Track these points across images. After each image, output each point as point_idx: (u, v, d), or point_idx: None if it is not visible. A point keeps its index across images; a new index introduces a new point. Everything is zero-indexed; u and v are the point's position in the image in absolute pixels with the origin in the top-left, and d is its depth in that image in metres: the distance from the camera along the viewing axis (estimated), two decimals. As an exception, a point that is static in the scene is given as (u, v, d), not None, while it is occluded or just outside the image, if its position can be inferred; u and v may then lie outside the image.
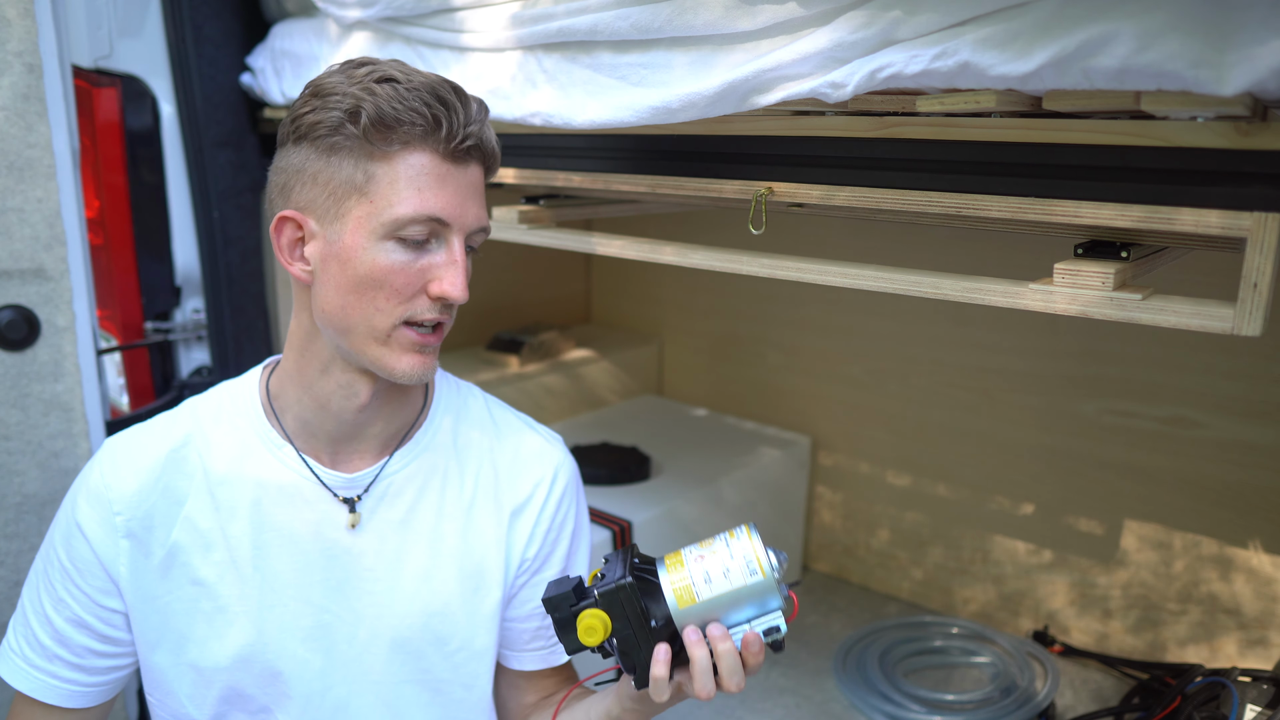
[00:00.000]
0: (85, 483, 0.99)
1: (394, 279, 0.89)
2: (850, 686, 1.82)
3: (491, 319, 2.54)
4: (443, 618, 1.05)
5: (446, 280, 0.91)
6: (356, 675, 1.03)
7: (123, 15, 1.62)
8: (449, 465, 1.07)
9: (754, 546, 0.88)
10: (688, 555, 0.90)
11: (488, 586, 1.07)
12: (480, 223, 0.94)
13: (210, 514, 0.99)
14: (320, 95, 0.89)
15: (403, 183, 0.88)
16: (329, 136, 0.88)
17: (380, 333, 0.91)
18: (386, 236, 0.89)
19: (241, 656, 0.99)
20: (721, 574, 0.87)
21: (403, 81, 0.88)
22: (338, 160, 0.89)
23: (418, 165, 0.88)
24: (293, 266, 0.94)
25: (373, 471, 1.03)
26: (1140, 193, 0.82)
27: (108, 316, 1.72)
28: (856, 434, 2.29)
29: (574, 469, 1.15)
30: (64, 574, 0.99)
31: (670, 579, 0.88)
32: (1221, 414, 1.74)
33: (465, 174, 0.92)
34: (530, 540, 1.09)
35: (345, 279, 0.90)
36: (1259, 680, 1.42)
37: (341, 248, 0.90)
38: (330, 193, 0.90)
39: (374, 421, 1.02)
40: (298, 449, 1.01)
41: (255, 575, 1.00)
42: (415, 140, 0.88)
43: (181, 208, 1.73)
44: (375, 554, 1.03)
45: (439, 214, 0.89)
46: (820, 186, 1.05)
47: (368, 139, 0.87)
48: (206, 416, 1.03)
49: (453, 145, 0.89)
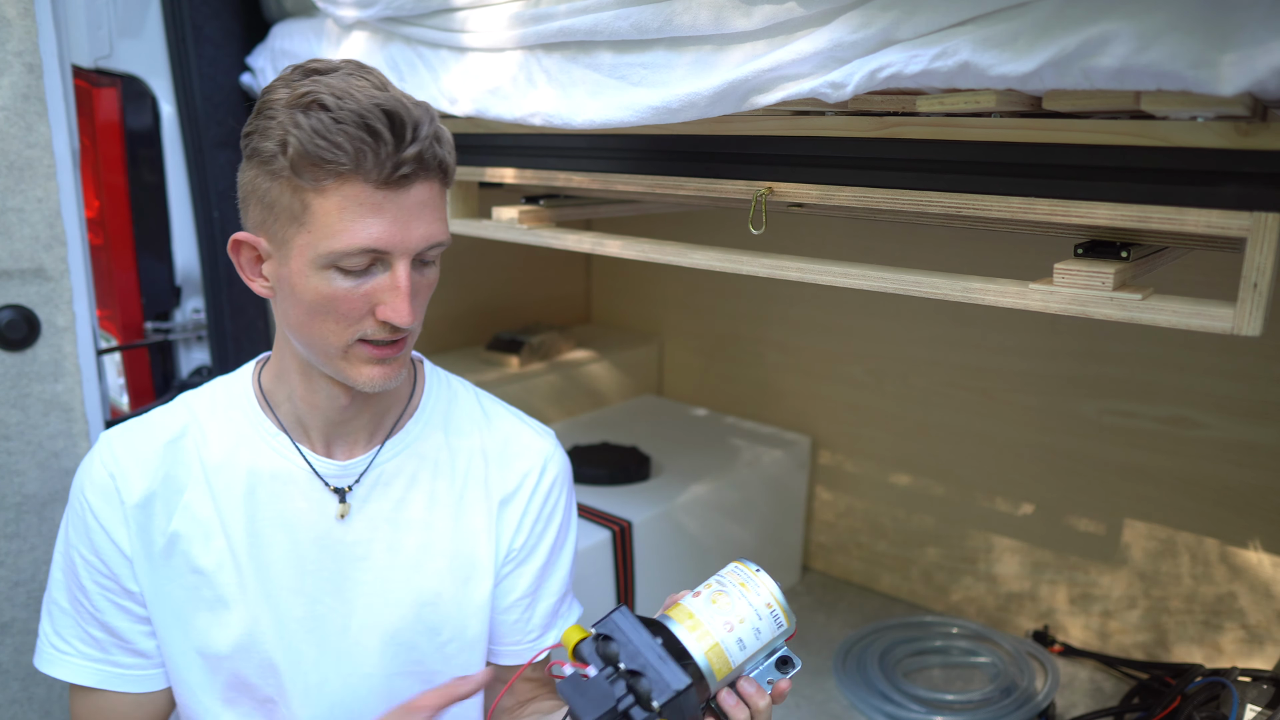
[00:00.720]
0: (89, 477, 1.00)
1: (339, 306, 0.89)
2: (850, 686, 1.82)
3: (491, 319, 2.54)
4: (434, 608, 1.05)
5: (389, 307, 0.89)
6: (349, 668, 1.03)
7: (123, 15, 1.62)
8: (439, 455, 1.08)
9: (773, 593, 0.84)
10: (707, 617, 0.82)
11: (479, 576, 1.07)
12: (428, 240, 0.91)
13: (208, 503, 1.00)
14: (262, 115, 0.89)
15: (334, 216, 0.86)
16: (268, 164, 0.88)
17: (336, 350, 0.92)
18: (326, 266, 0.88)
19: (241, 645, 1.00)
20: (754, 635, 0.83)
21: (333, 109, 0.84)
22: (278, 187, 0.88)
23: (351, 196, 0.86)
24: (254, 284, 0.96)
25: (365, 459, 1.04)
26: (1140, 193, 0.82)
27: (108, 316, 1.72)
28: (856, 434, 2.29)
29: (564, 462, 1.15)
30: (91, 569, 1.00)
31: (702, 649, 0.81)
32: (1221, 414, 1.74)
33: (407, 196, 0.88)
34: (518, 530, 1.10)
35: (296, 302, 0.91)
36: (1259, 680, 1.42)
37: (289, 273, 0.91)
38: (275, 218, 0.90)
39: (362, 413, 1.03)
40: (292, 438, 1.02)
41: (251, 564, 1.00)
42: (345, 173, 0.85)
43: (181, 208, 1.73)
44: (367, 544, 1.04)
45: (374, 245, 0.87)
46: (820, 186, 1.05)
47: (297, 173, 0.86)
48: (202, 409, 1.04)
49: (384, 174, 0.86)
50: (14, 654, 1.45)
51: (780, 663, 0.85)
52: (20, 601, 1.45)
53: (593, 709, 0.76)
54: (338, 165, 0.84)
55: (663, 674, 0.77)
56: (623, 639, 0.80)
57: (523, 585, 1.10)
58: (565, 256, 2.70)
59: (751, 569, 0.86)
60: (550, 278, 2.76)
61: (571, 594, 1.19)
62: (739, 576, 0.85)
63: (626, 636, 0.80)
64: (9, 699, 1.46)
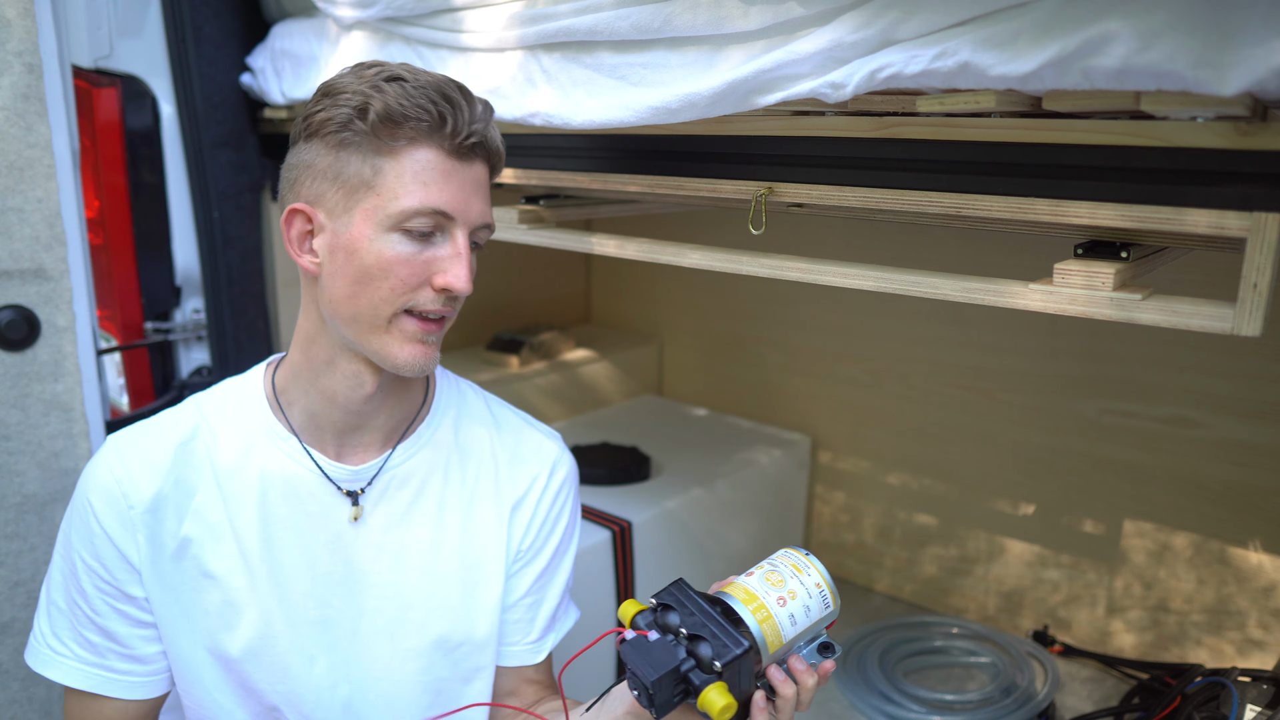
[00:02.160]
0: (94, 481, 0.99)
1: (399, 269, 0.91)
2: (850, 686, 1.82)
3: (491, 319, 2.54)
4: (444, 611, 1.05)
5: (451, 273, 0.92)
6: (360, 671, 1.03)
7: (123, 15, 1.62)
8: (450, 459, 1.08)
9: (823, 577, 0.90)
10: (763, 593, 0.87)
11: (489, 579, 1.08)
12: (484, 219, 0.96)
13: (219, 506, 1.00)
14: (331, 94, 0.92)
15: (409, 177, 0.90)
16: (338, 133, 0.91)
17: (383, 320, 0.93)
18: (392, 228, 0.91)
19: (251, 649, 0.99)
20: (804, 611, 0.88)
21: (410, 80, 0.90)
22: (346, 155, 0.91)
23: (423, 160, 0.91)
24: (302, 258, 0.96)
25: (377, 464, 1.04)
26: (1140, 193, 0.82)
27: (108, 316, 1.72)
28: (856, 434, 2.29)
29: (572, 466, 1.16)
30: (91, 573, 0.99)
31: (757, 620, 0.85)
32: (1221, 414, 1.74)
33: (470, 170, 0.94)
34: (526, 532, 1.10)
35: (352, 269, 0.92)
36: (1259, 680, 1.42)
37: (349, 239, 0.92)
38: (339, 186, 0.92)
39: (378, 413, 1.03)
40: (303, 442, 1.02)
41: (263, 568, 1.00)
42: (421, 136, 0.90)
43: (181, 208, 1.73)
44: (378, 548, 1.04)
45: (443, 207, 0.91)
46: (820, 186, 1.05)
47: (375, 134, 0.90)
48: (212, 411, 1.03)
49: (457, 141, 0.91)
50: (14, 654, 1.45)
51: (821, 648, 0.90)
52: (20, 601, 1.45)
53: (656, 669, 0.80)
54: (419, 124, 0.89)
55: (722, 638, 0.81)
56: (681, 608, 0.84)
57: (525, 585, 1.11)
58: (565, 256, 2.70)
59: (801, 553, 0.92)
60: (550, 278, 2.76)
61: (569, 598, 1.19)
62: (790, 559, 0.91)
63: (685, 605, 0.84)
64: (9, 699, 1.46)
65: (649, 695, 0.81)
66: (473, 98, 0.94)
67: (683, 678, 0.81)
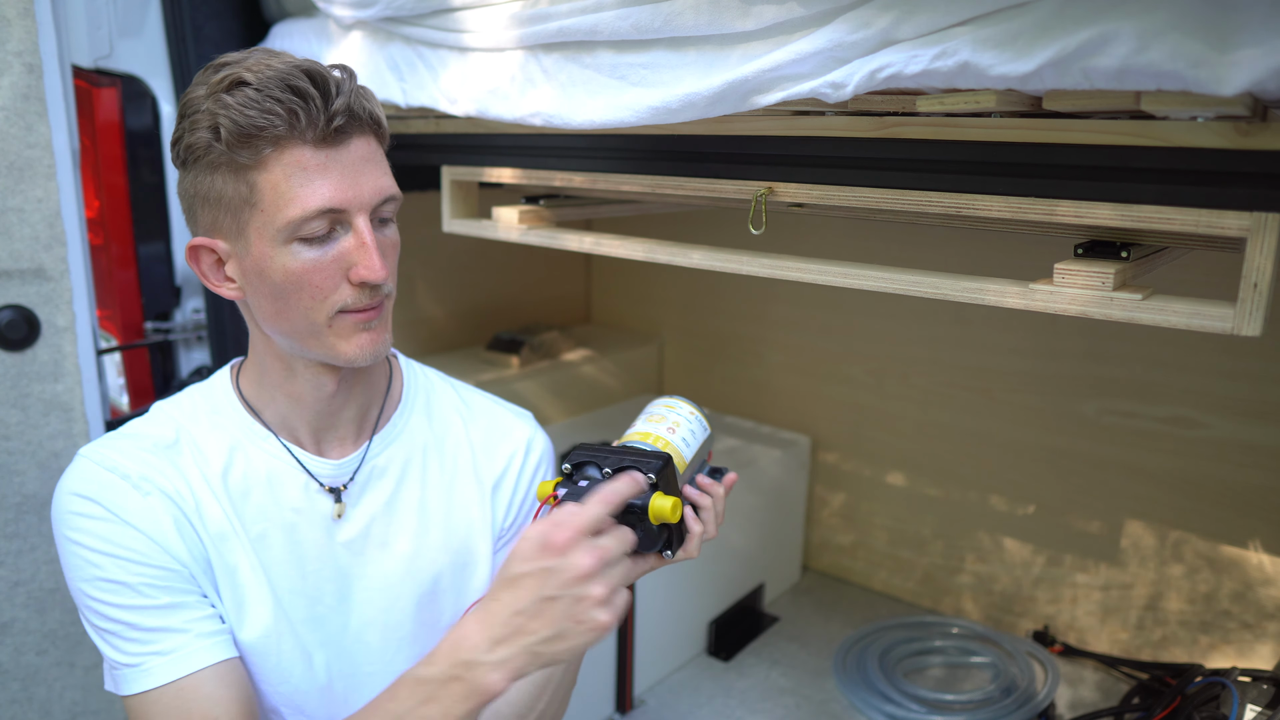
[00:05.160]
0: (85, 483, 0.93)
1: (311, 278, 0.89)
2: (850, 686, 1.82)
3: (491, 319, 2.54)
4: (433, 597, 1.06)
5: (361, 265, 0.90)
6: (352, 666, 1.04)
7: (123, 15, 1.62)
8: (428, 446, 1.09)
9: (693, 405, 1.03)
10: (653, 429, 0.98)
11: (477, 561, 1.09)
12: (380, 193, 0.92)
13: (215, 506, 0.99)
14: (186, 114, 0.89)
15: (282, 186, 0.87)
16: (204, 157, 0.88)
17: (318, 328, 0.92)
18: (288, 240, 0.88)
19: (256, 648, 0.99)
20: (691, 435, 0.99)
21: (253, 82, 0.85)
22: (220, 178, 0.88)
23: (292, 163, 0.87)
24: (221, 288, 0.95)
25: (357, 456, 1.04)
26: (1140, 193, 0.82)
27: (108, 316, 1.72)
28: (856, 434, 2.29)
29: (547, 442, 1.17)
30: (121, 564, 0.91)
31: (659, 448, 0.95)
32: (1222, 414, 1.74)
33: (348, 152, 0.89)
34: (507, 511, 1.12)
35: (267, 289, 0.91)
36: (1259, 680, 1.42)
37: (253, 260, 0.90)
38: (225, 211, 0.89)
39: (347, 405, 1.03)
40: (282, 440, 1.02)
41: (260, 568, 1.00)
42: (281, 139, 0.86)
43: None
44: (363, 540, 1.04)
45: (329, 204, 0.88)
46: (820, 186, 1.05)
47: (234, 152, 0.86)
48: (185, 418, 1.01)
49: (320, 131, 0.87)
50: (14, 654, 1.45)
51: (713, 471, 1.03)
52: (20, 601, 1.45)
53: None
54: (272, 130, 0.85)
55: (644, 460, 0.90)
56: (593, 461, 0.92)
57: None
58: (565, 256, 2.70)
59: (667, 397, 1.04)
60: (550, 278, 2.76)
61: None
62: (660, 403, 1.03)
63: (596, 457, 0.92)
64: (9, 699, 1.46)
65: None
66: (325, 77, 0.87)
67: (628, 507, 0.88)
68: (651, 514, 0.88)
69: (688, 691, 1.87)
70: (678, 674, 1.94)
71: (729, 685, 1.89)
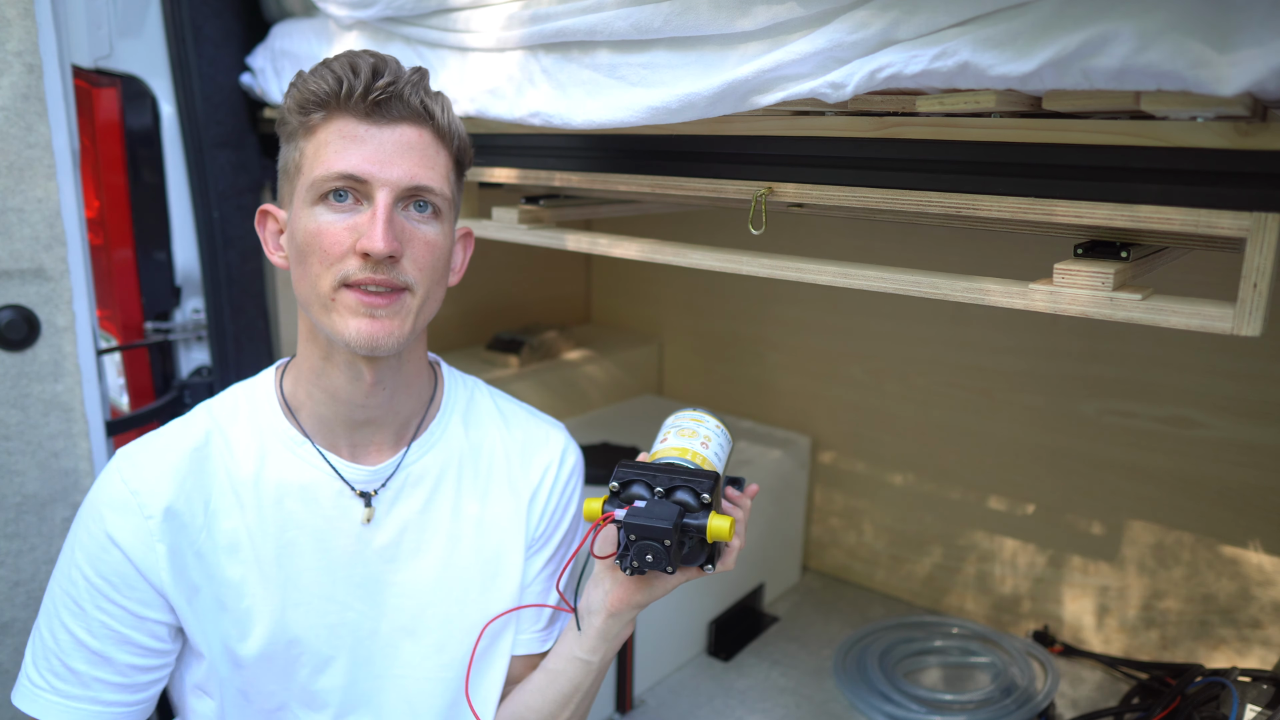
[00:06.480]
0: (106, 494, 0.96)
1: (322, 240, 0.92)
2: (850, 686, 1.82)
3: (491, 319, 2.54)
4: (462, 605, 1.06)
5: (366, 236, 0.91)
6: (380, 670, 1.04)
7: (123, 15, 1.62)
8: (464, 456, 1.09)
9: (715, 417, 1.07)
10: (687, 444, 1.01)
11: (507, 571, 1.09)
12: (412, 180, 0.94)
13: (236, 514, 0.99)
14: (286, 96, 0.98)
15: (321, 149, 0.93)
16: (283, 128, 0.96)
17: (324, 298, 0.93)
18: (315, 201, 0.93)
19: (265, 654, 0.99)
20: (720, 447, 1.03)
21: (335, 62, 0.93)
22: (288, 150, 0.97)
23: (335, 130, 0.93)
24: (274, 256, 1.01)
25: (393, 463, 1.04)
26: (1140, 193, 0.82)
27: (108, 316, 1.72)
28: (856, 434, 2.29)
29: (579, 454, 1.20)
30: (94, 592, 0.95)
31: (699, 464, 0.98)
32: (1221, 414, 1.74)
33: (390, 133, 0.94)
34: (540, 521, 1.13)
35: (293, 251, 0.96)
36: (1259, 680, 1.42)
37: (291, 223, 0.96)
38: (286, 178, 0.97)
39: (386, 409, 1.03)
40: (317, 446, 1.02)
41: (279, 574, 1.00)
42: (330, 108, 0.93)
43: (181, 208, 1.73)
44: (395, 547, 1.04)
45: (353, 170, 0.91)
46: (820, 186, 1.05)
47: (297, 120, 0.94)
48: (224, 417, 1.03)
49: (367, 103, 0.92)
50: (14, 654, 1.45)
51: (732, 481, 1.06)
52: (20, 601, 1.45)
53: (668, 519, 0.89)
54: (320, 94, 0.92)
55: (695, 479, 0.92)
56: (640, 480, 0.94)
57: (534, 572, 1.12)
58: (565, 256, 2.70)
59: (689, 409, 1.08)
60: (550, 278, 2.76)
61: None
62: (684, 416, 1.06)
63: (643, 476, 0.94)
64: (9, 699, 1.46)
65: (665, 549, 0.89)
66: (387, 64, 0.94)
67: (682, 527, 0.90)
68: (710, 535, 0.90)
69: (688, 691, 1.87)
70: (678, 674, 1.94)
71: (729, 685, 1.89)
